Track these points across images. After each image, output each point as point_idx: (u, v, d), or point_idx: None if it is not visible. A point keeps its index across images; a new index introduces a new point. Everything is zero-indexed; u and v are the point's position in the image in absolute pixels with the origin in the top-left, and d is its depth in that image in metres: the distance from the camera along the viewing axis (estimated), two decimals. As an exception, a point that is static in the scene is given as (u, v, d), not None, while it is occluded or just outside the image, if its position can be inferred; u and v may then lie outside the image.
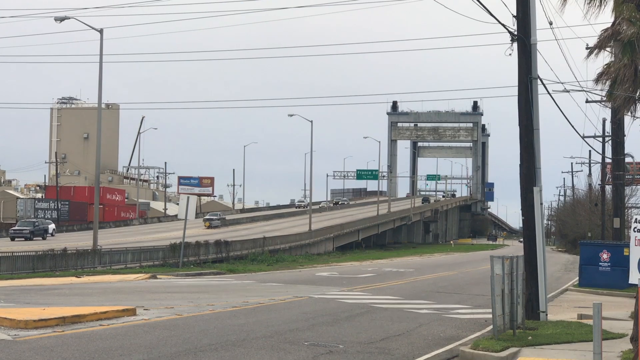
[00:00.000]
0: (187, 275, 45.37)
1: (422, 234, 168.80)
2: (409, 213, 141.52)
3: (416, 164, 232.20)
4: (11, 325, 18.47)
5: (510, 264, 19.11)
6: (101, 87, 52.84)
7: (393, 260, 78.17)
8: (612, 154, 50.63)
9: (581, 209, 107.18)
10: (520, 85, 24.38)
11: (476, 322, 23.10)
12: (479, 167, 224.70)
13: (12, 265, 41.31)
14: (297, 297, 29.69)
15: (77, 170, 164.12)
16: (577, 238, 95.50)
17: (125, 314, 21.35)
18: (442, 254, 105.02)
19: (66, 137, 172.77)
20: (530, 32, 24.28)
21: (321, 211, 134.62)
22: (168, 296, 28.84)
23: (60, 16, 49.94)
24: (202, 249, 58.62)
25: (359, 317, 23.50)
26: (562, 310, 28.17)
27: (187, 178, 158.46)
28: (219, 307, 24.93)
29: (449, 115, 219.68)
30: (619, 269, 37.03)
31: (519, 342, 17.94)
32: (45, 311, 20.44)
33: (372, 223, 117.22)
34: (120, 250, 51.57)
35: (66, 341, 16.76)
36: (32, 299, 26.38)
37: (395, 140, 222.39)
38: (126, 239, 74.37)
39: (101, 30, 52.07)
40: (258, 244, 69.53)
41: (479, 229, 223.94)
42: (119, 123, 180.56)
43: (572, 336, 19.17)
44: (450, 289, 37.45)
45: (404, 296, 31.76)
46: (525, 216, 24.35)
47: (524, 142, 24.38)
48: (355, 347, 17.67)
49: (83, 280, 37.97)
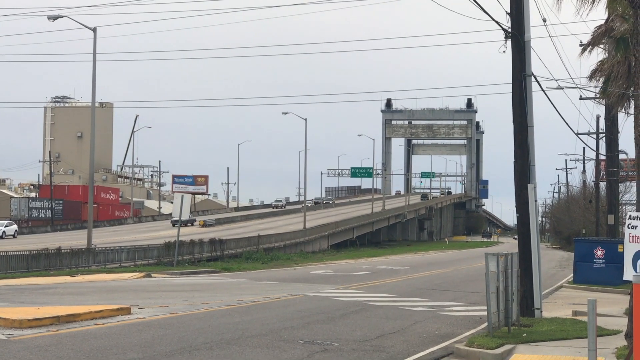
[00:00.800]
0: (181, 273, 45.34)
1: (417, 231, 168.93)
2: (403, 211, 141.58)
3: (410, 162, 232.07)
4: (5, 324, 18.43)
5: (504, 261, 19.12)
6: (95, 86, 52.79)
7: (388, 257, 78.21)
8: (606, 150, 50.70)
9: (575, 205, 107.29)
10: (515, 82, 24.41)
11: (471, 320, 23.11)
12: (473, 164, 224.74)
13: (7, 264, 41.22)
14: (292, 295, 29.69)
15: (71, 169, 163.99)
16: (572, 235, 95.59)
17: (120, 312, 21.33)
18: (437, 251, 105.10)
19: (60, 136, 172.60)
20: (524, 29, 24.29)
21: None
22: (163, 295, 28.81)
23: (54, 15, 49.80)
24: (196, 248, 58.56)
25: (354, 315, 23.50)
26: (556, 307, 28.19)
27: (181, 176, 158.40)
28: (213, 305, 24.91)
29: (443, 112, 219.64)
30: (613, 266, 37.09)
31: (513, 339, 17.95)
32: (39, 310, 20.40)
33: (367, 221, 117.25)
34: (115, 249, 51.49)
35: (61, 340, 16.72)
36: (27, 298, 26.33)
37: (389, 138, 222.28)
38: (120, 238, 74.29)
39: (95, 29, 51.97)
40: (253, 242, 69.50)
41: (473, 227, 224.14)
42: (112, 122, 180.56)
43: (567, 333, 19.19)
44: (445, 287, 37.48)
45: (398, 294, 31.78)
46: (520, 213, 24.38)
47: (518, 140, 24.40)
48: (350, 344, 17.67)
49: (77, 279, 37.91)
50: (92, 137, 53.54)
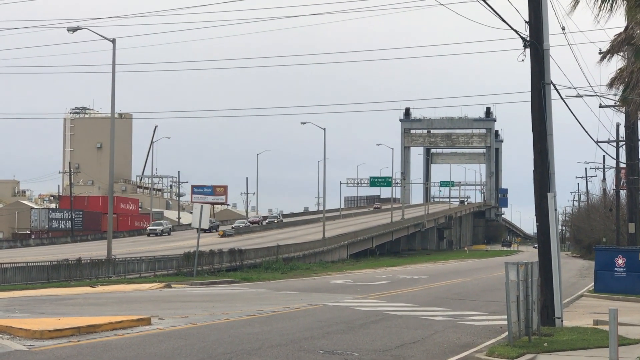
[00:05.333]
0: (201, 284, 45.38)
1: (436, 240, 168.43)
2: (422, 220, 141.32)
3: (429, 171, 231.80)
4: (27, 335, 18.50)
5: (525, 270, 19.04)
6: (114, 97, 53.02)
7: (407, 267, 78.03)
8: (627, 158, 50.47)
9: (596, 214, 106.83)
10: (533, 91, 24.33)
11: (491, 329, 23.02)
12: (492, 173, 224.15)
13: (27, 275, 41.42)
14: (312, 305, 29.65)
15: (90, 180, 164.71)
16: (592, 243, 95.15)
17: (140, 323, 21.37)
18: (456, 260, 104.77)
19: (79, 147, 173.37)
20: (543, 37, 24.23)
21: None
22: (182, 305, 28.84)
23: (73, 27, 50.14)
24: (216, 258, 58.60)
25: (374, 325, 23.45)
26: (577, 316, 28.04)
27: (200, 187, 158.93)
28: (233, 315, 24.92)
29: (461, 121, 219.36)
30: (634, 274, 36.89)
31: (534, 349, 17.87)
32: (60, 321, 20.47)
33: (386, 230, 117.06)
34: (135, 259, 51.62)
35: (81, 351, 16.78)
36: (47, 309, 26.43)
37: (408, 147, 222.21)
38: (140, 248, 74.55)
39: (114, 40, 52.22)
40: (272, 252, 69.48)
41: (493, 235, 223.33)
42: (131, 132, 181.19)
43: (588, 342, 19.08)
44: (464, 296, 37.35)
45: (418, 303, 31.69)
46: (540, 222, 24.28)
47: (537, 148, 24.31)
48: (370, 354, 17.63)
49: (97, 290, 38.04)
50: (111, 148, 53.76)
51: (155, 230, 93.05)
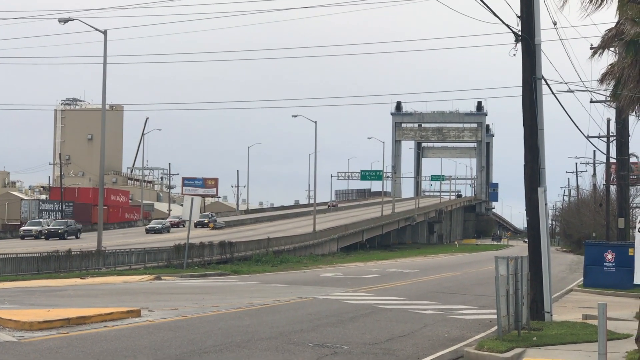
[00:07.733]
0: (191, 276, 45.37)
1: (427, 234, 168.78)
2: (413, 214, 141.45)
3: (420, 165, 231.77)
4: (16, 326, 18.49)
5: (514, 264, 19.08)
6: (105, 88, 52.87)
7: (397, 260, 78.14)
8: (617, 154, 50.64)
9: (586, 209, 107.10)
10: (525, 85, 24.36)
11: (481, 323, 23.08)
12: (483, 167, 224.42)
13: (17, 266, 41.35)
14: (302, 298, 29.68)
15: (81, 171, 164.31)
16: (582, 238, 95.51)
17: (129, 315, 21.37)
18: (447, 254, 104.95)
19: (70, 138, 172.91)
20: (534, 32, 24.26)
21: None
22: (172, 297, 28.84)
23: (64, 18, 49.94)
24: (206, 250, 58.58)
25: (364, 318, 23.49)
26: (566, 310, 28.12)
27: (191, 179, 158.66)
28: (223, 308, 24.93)
29: (453, 115, 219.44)
30: (623, 269, 36.96)
31: (523, 343, 17.92)
32: (49, 313, 20.45)
33: (377, 224, 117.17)
34: (125, 251, 51.55)
35: (71, 342, 16.77)
36: (37, 300, 26.39)
37: (399, 141, 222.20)
38: (130, 240, 74.41)
39: (105, 32, 52.04)
40: (262, 245, 69.48)
41: (483, 230, 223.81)
42: (123, 124, 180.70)
43: (577, 337, 19.14)
44: (454, 290, 37.43)
45: (408, 297, 31.74)
46: (530, 216, 24.33)
47: (528, 143, 24.35)
48: (359, 347, 17.66)
49: (87, 281, 37.99)
50: (102, 140, 53.63)
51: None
